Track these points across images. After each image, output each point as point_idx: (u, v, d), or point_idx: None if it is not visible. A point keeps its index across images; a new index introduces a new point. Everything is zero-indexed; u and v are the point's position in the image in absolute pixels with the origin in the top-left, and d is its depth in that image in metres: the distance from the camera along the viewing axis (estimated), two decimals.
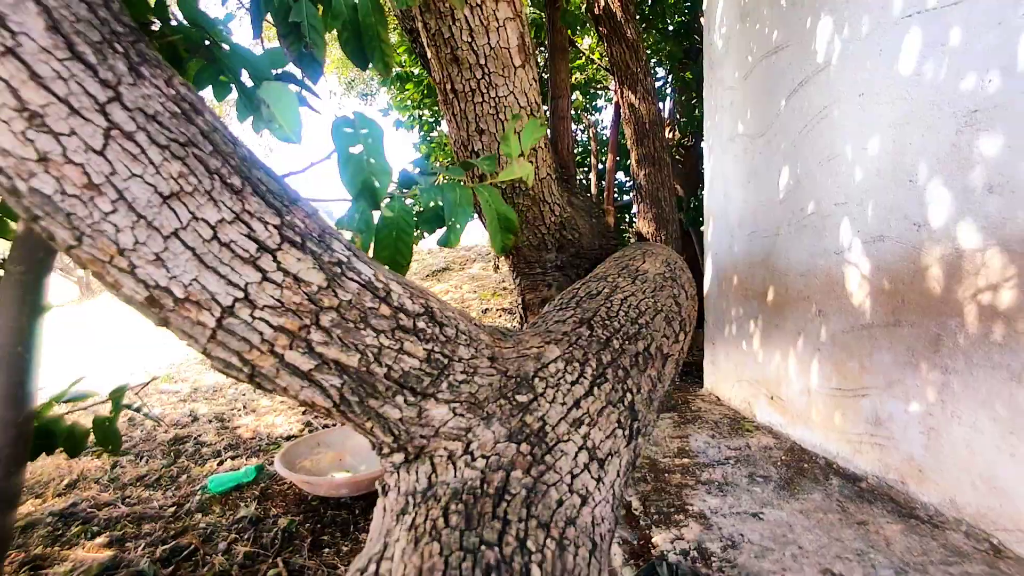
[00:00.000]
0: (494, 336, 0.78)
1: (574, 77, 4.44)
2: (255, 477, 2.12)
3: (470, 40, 1.37)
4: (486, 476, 0.63)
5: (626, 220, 4.58)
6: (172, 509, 1.90)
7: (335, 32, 1.02)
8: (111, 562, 1.56)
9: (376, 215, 0.84)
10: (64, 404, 1.17)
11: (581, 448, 0.72)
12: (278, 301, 0.58)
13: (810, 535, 1.44)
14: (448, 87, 1.47)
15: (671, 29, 4.21)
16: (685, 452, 2.10)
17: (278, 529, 1.75)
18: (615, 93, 3.55)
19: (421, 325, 0.67)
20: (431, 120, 4.66)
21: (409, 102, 4.48)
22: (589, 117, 4.68)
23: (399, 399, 0.64)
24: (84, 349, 5.33)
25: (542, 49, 4.04)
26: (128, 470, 2.23)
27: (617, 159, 4.20)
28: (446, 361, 0.68)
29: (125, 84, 0.54)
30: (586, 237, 2.13)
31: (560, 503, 0.63)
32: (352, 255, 0.65)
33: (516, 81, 1.46)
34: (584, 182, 4.81)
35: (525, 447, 0.67)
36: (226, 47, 0.95)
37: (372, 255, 0.83)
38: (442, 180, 0.93)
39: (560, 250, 1.99)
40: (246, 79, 0.97)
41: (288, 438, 2.56)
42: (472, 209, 0.91)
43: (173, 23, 0.92)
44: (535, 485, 0.64)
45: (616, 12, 3.16)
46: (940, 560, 1.31)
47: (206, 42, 0.96)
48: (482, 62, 1.40)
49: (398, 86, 4.52)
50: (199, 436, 2.59)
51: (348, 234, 0.80)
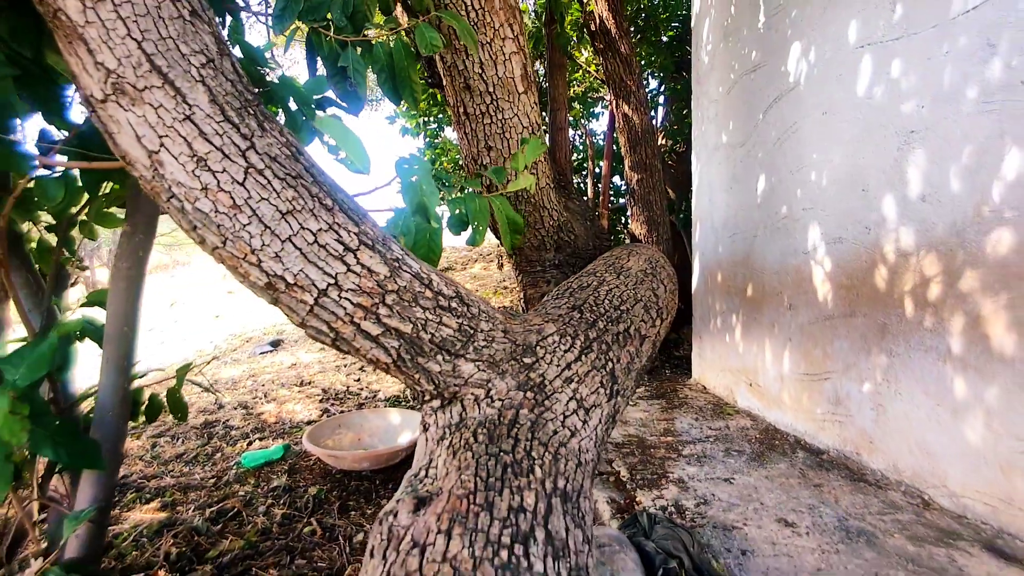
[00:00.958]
0: (506, 315, 1.04)
1: (573, 89, 4.70)
2: (283, 455, 2.37)
3: (480, 71, 1.62)
4: (502, 413, 0.88)
5: (621, 222, 4.83)
6: (212, 480, 2.15)
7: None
8: (168, 520, 1.81)
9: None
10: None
11: (571, 399, 0.97)
12: (357, 286, 0.83)
13: (771, 494, 1.70)
14: (461, 110, 1.72)
15: (664, 41, 4.46)
16: (670, 432, 2.35)
17: (309, 496, 2.00)
18: (610, 104, 3.81)
19: (454, 305, 0.92)
20: (435, 127, 4.91)
21: (415, 111, 4.72)
22: (586, 125, 4.93)
23: (439, 358, 0.89)
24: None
25: (542, 62, 4.28)
26: (167, 449, 2.48)
27: (612, 165, 4.45)
28: (472, 331, 0.93)
29: (256, 136, 0.79)
30: (581, 239, 2.38)
31: (555, 432, 0.88)
32: (404, 254, 0.90)
33: (520, 105, 1.71)
34: (581, 186, 5.07)
35: (530, 394, 0.92)
36: (275, 78, 1.20)
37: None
38: (450, 189, 1.18)
39: (558, 250, 2.24)
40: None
41: (308, 423, 2.80)
42: (488, 214, 1.16)
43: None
44: (537, 419, 0.89)
45: (611, 29, 3.42)
46: (877, 512, 1.56)
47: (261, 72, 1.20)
48: (490, 90, 1.65)
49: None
50: (227, 421, 2.84)
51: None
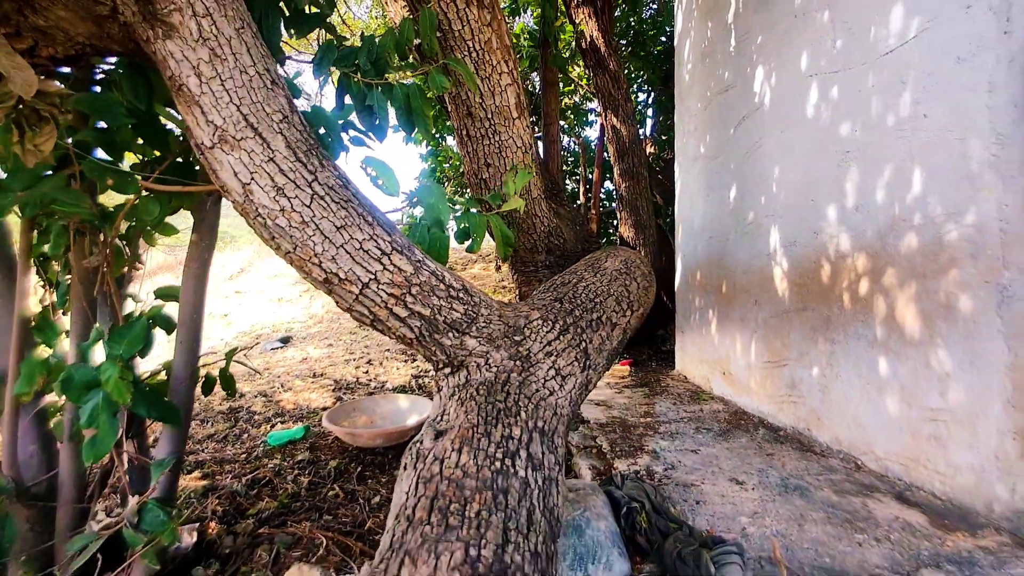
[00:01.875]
0: (501, 304, 1.34)
1: (566, 101, 5.01)
2: (304, 434, 2.67)
3: (481, 101, 1.93)
4: (497, 376, 1.18)
5: (612, 225, 5.14)
6: (244, 456, 2.45)
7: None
8: (210, 486, 2.11)
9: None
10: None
11: (550, 368, 1.28)
12: (390, 280, 1.13)
13: (729, 461, 2.00)
14: (464, 133, 2.03)
15: (653, 53, 4.77)
16: (650, 414, 2.66)
17: (330, 467, 2.30)
18: (600, 115, 4.12)
19: (461, 295, 1.22)
20: (437, 136, 5.22)
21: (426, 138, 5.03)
22: (580, 134, 5.25)
23: (450, 335, 1.20)
24: None
25: (539, 74, 4.59)
26: (199, 431, 2.77)
27: (603, 172, 4.76)
28: (475, 315, 1.23)
29: (318, 171, 1.09)
30: (570, 242, 2.69)
31: (537, 391, 1.19)
32: (424, 257, 1.20)
33: (514, 129, 2.01)
34: (575, 190, 5.37)
35: (518, 363, 1.23)
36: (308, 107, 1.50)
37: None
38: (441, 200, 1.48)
39: (549, 252, 2.55)
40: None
41: (323, 409, 3.10)
42: (485, 229, 1.46)
43: None
44: (524, 381, 1.19)
45: (600, 47, 3.73)
46: (815, 473, 1.86)
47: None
48: (489, 116, 1.96)
49: None
50: (249, 407, 3.14)
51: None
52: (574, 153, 5.39)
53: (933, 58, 1.62)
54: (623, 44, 4.76)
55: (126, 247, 1.61)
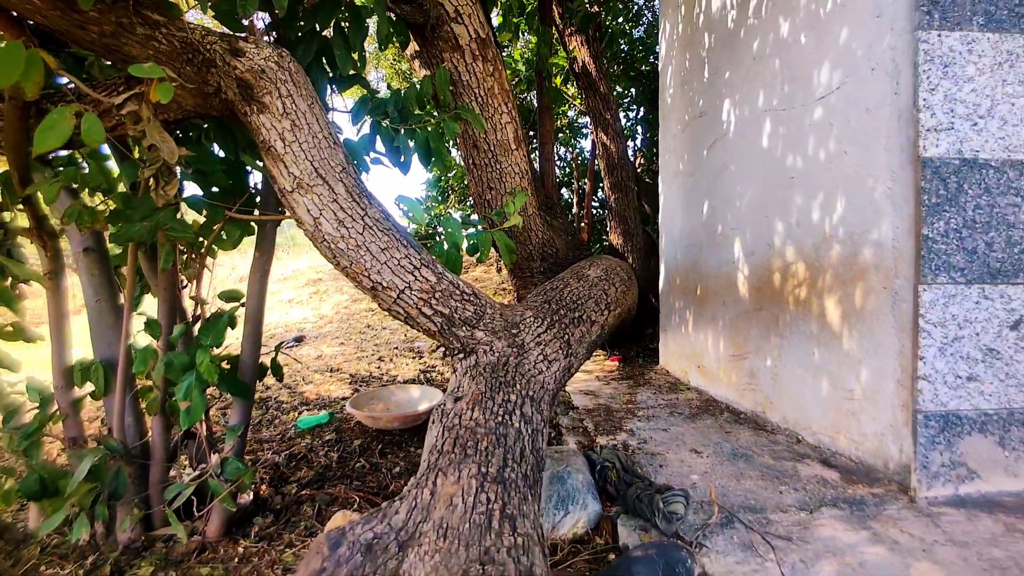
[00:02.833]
0: (502, 305, 1.75)
1: (561, 120, 5.43)
2: (329, 420, 3.07)
3: (484, 136, 2.33)
4: (499, 359, 1.59)
5: (605, 232, 5.55)
6: (278, 437, 2.85)
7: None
8: (254, 459, 2.51)
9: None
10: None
11: (540, 354, 1.68)
12: (420, 288, 1.54)
13: (692, 436, 2.40)
14: (471, 161, 2.44)
15: (643, 71, 5.18)
16: (631, 402, 3.06)
17: (355, 445, 2.70)
18: (592, 133, 4.52)
19: (472, 299, 1.63)
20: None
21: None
22: (573, 150, 5.66)
23: (464, 328, 1.60)
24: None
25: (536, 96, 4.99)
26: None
27: (594, 184, 5.17)
28: (482, 314, 1.64)
29: (368, 208, 1.50)
30: (562, 251, 3.10)
31: (529, 370, 1.60)
32: (443, 269, 1.61)
33: (512, 158, 2.42)
34: (569, 200, 5.78)
35: (515, 350, 1.63)
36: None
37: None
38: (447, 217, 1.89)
39: (543, 260, 2.96)
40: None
41: (343, 398, 3.50)
42: (491, 243, 1.87)
43: None
44: (519, 363, 1.60)
45: (592, 71, 4.14)
46: (762, 445, 2.27)
47: None
48: (491, 148, 2.37)
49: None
50: (276, 397, 3.54)
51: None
52: (569, 164, 5.80)
53: (850, 107, 2.02)
54: (615, 64, 5.16)
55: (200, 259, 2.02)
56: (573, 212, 5.22)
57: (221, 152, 1.72)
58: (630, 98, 5.10)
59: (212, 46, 1.42)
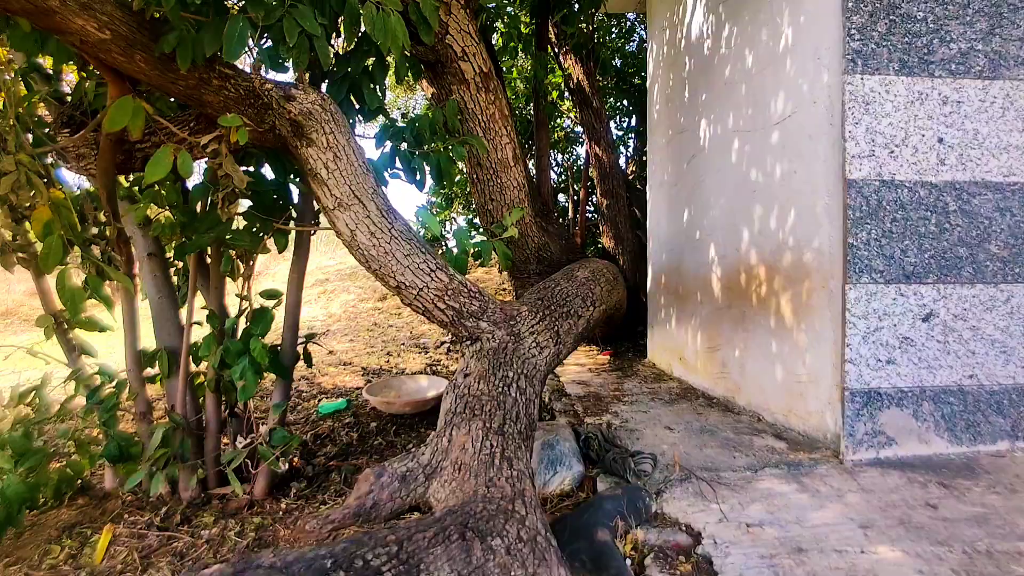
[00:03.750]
0: (502, 302, 2.12)
1: (558, 133, 5.81)
2: (347, 406, 3.45)
3: (487, 155, 2.71)
4: (500, 345, 1.97)
5: (598, 236, 5.93)
6: (302, 420, 3.22)
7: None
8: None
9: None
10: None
11: (533, 342, 2.06)
12: (435, 287, 1.91)
13: (668, 417, 2.78)
14: (475, 176, 2.81)
15: (634, 85, 5.56)
16: (618, 390, 3.43)
17: (372, 427, 3.07)
18: (585, 143, 4.89)
19: (477, 296, 2.00)
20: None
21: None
22: (569, 157, 6.04)
23: (471, 319, 1.98)
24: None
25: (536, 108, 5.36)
26: (259, 404, 3.55)
27: (588, 191, 5.55)
28: (486, 308, 2.01)
29: (394, 221, 1.87)
30: (556, 254, 3.47)
31: (524, 354, 1.97)
32: (454, 272, 1.98)
33: (512, 174, 2.79)
34: (565, 204, 6.16)
35: (512, 338, 2.01)
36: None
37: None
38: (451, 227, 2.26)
39: (539, 263, 3.33)
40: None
41: (356, 389, 3.88)
42: (491, 250, 2.24)
43: None
44: (516, 349, 1.97)
45: (585, 88, 4.51)
46: (727, 423, 2.64)
47: None
48: (493, 165, 2.74)
49: None
50: (296, 387, 3.91)
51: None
52: (566, 171, 6.18)
53: (798, 133, 2.40)
54: (609, 75, 5.53)
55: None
56: (569, 216, 5.59)
57: (270, 174, 2.10)
58: (622, 110, 5.47)
59: (269, 92, 1.80)
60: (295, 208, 2.22)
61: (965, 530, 1.55)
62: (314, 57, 1.73)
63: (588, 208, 5.61)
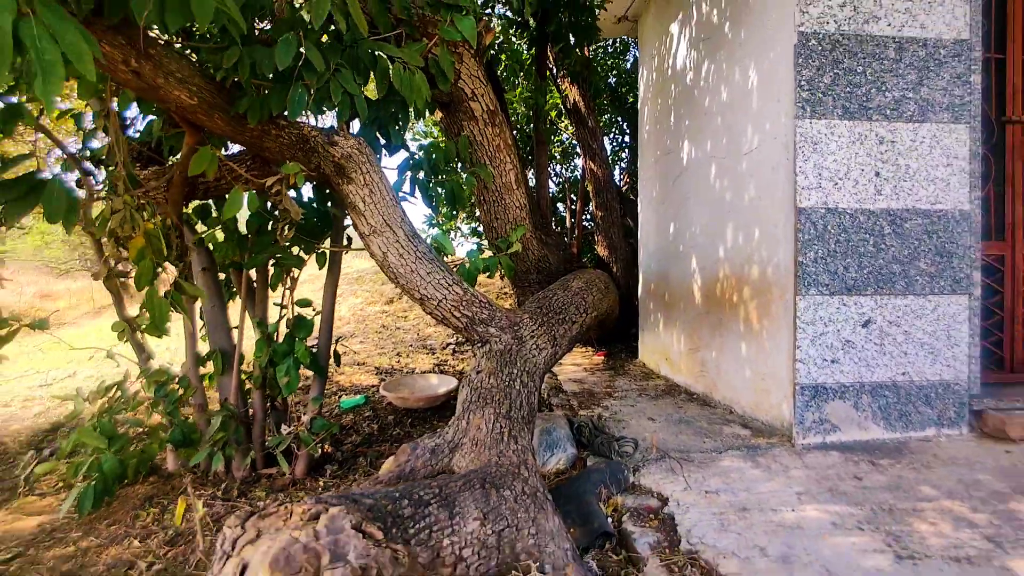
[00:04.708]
0: (506, 309, 2.53)
1: (556, 148, 6.23)
2: (365, 402, 3.85)
3: (492, 180, 3.11)
4: (505, 347, 2.37)
5: (595, 244, 6.33)
6: (326, 414, 3.62)
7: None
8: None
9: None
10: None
11: (533, 344, 2.46)
12: (452, 298, 2.31)
13: (652, 410, 3.18)
14: (481, 198, 3.21)
15: (628, 102, 5.97)
16: (610, 387, 3.84)
17: (389, 420, 3.48)
18: (582, 159, 5.29)
19: (487, 306, 2.41)
20: None
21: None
22: (567, 169, 6.45)
23: (481, 325, 2.38)
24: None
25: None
26: (291, 399, 3.94)
27: (584, 203, 5.96)
28: (493, 316, 2.42)
29: (418, 245, 2.28)
30: (555, 265, 3.87)
31: (526, 355, 2.38)
32: (467, 286, 2.39)
33: (515, 196, 3.20)
34: (563, 214, 6.57)
35: (516, 341, 2.41)
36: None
37: None
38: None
39: (539, 273, 3.73)
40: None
41: (371, 386, 4.27)
42: (497, 264, 2.65)
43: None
44: (519, 350, 2.38)
45: (581, 108, 4.92)
46: (703, 415, 3.04)
47: None
48: (498, 188, 3.14)
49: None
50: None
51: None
52: (563, 183, 6.59)
53: (763, 164, 2.80)
54: (605, 92, 5.94)
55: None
56: (567, 225, 6.00)
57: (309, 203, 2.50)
58: (617, 125, 5.87)
59: (316, 138, 2.20)
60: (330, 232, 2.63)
61: (878, 495, 1.96)
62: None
63: (585, 217, 6.01)
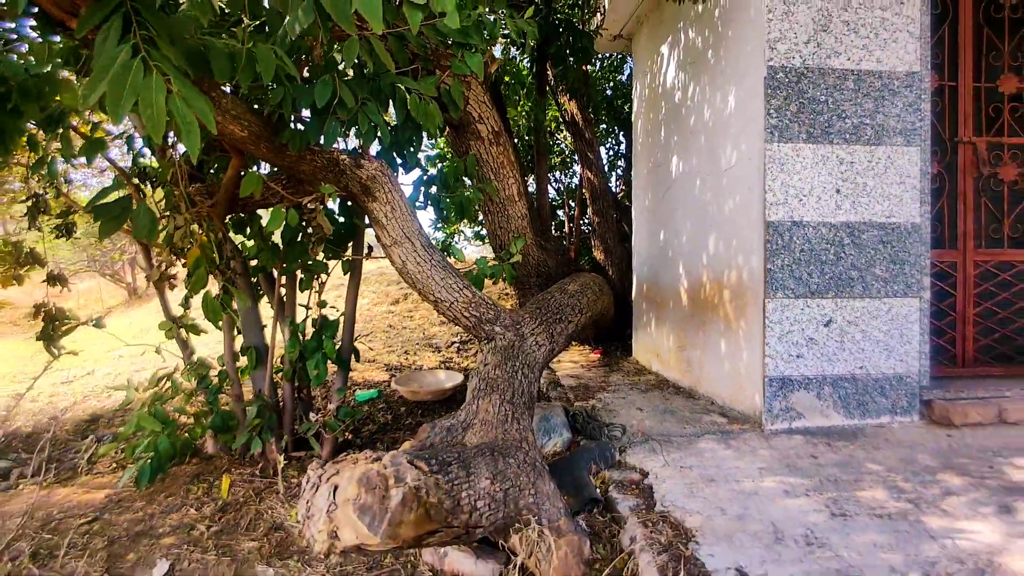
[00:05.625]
0: (509, 310, 2.87)
1: (555, 159, 6.58)
2: (379, 395, 4.20)
3: (497, 193, 3.46)
4: (508, 343, 2.72)
5: (592, 248, 6.69)
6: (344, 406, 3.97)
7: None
8: None
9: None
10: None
11: (533, 341, 2.81)
12: (463, 301, 2.66)
13: (641, 401, 3.53)
14: (487, 209, 3.56)
15: (624, 112, 6.32)
16: (604, 382, 4.19)
17: (402, 411, 3.82)
18: (580, 167, 5.64)
19: (493, 307, 2.76)
20: None
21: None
22: (567, 175, 6.81)
23: (488, 324, 2.73)
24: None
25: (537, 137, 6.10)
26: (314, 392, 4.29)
27: (582, 209, 6.31)
28: (498, 316, 2.77)
29: (433, 255, 2.63)
30: (553, 269, 4.22)
31: (526, 350, 2.73)
32: (475, 290, 2.74)
33: (516, 207, 3.54)
34: (563, 219, 6.92)
35: (518, 338, 2.76)
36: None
37: None
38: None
39: (538, 277, 4.08)
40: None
41: (383, 381, 4.62)
42: (501, 272, 3.00)
43: None
44: (520, 346, 2.73)
45: (579, 121, 5.26)
46: (687, 407, 3.39)
47: None
48: (502, 201, 3.49)
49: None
50: (331, 381, 4.65)
51: None
52: (564, 189, 6.95)
53: (740, 181, 3.14)
54: (602, 103, 6.28)
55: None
56: (566, 230, 6.35)
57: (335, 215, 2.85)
58: (614, 134, 6.21)
59: (344, 161, 2.55)
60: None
61: (828, 470, 2.30)
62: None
63: (583, 222, 6.36)
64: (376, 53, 2.08)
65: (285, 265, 2.71)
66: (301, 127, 2.36)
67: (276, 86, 2.22)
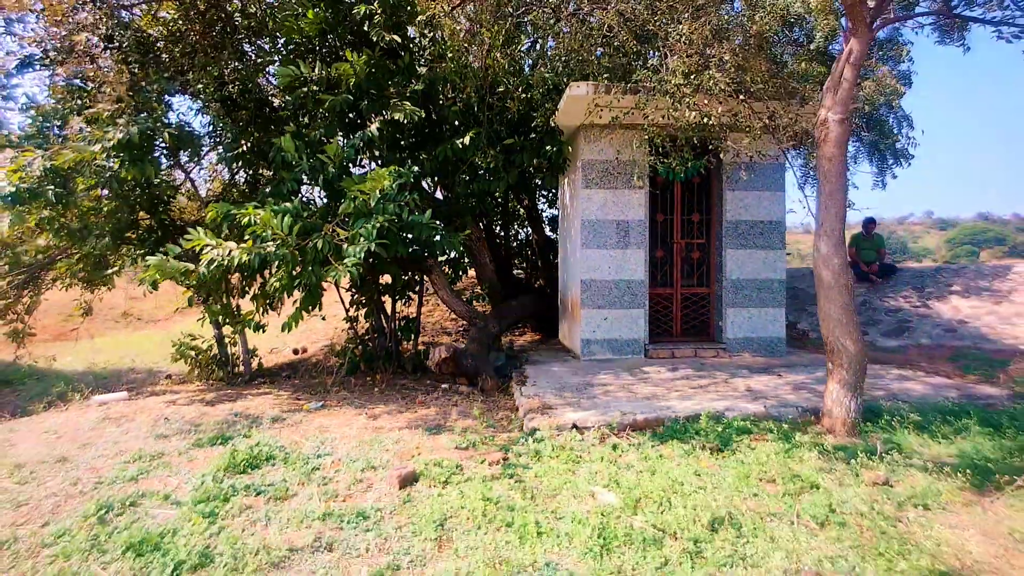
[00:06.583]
0: (484, 313, 7.43)
1: (518, 224, 11.14)
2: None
3: (476, 262, 8.00)
4: (482, 326, 7.31)
5: (538, 276, 11.20)
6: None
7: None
8: None
9: None
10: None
11: (495, 325, 7.40)
12: (466, 311, 7.21)
13: (545, 354, 8.09)
14: (474, 264, 8.11)
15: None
16: (534, 348, 8.75)
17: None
18: (532, 230, 10.15)
19: (477, 312, 7.32)
20: None
21: None
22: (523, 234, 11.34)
23: (474, 319, 7.30)
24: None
25: None
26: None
27: (533, 252, 10.83)
28: (477, 316, 7.33)
29: (452, 292, 7.18)
30: (511, 290, 8.83)
31: (488, 330, 7.32)
32: (470, 305, 7.29)
33: (487, 269, 8.09)
34: (523, 258, 11.44)
35: (487, 324, 7.35)
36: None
37: None
38: None
39: (503, 296, 8.66)
40: None
41: (427, 343, 9.18)
42: (480, 295, 7.55)
43: None
44: (486, 327, 7.33)
45: (528, 210, 9.77)
46: (560, 354, 7.94)
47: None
48: (480, 265, 8.02)
49: None
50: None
51: None
52: (522, 241, 11.47)
53: (579, 263, 7.65)
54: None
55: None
56: (524, 264, 10.88)
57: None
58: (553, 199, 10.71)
59: (430, 263, 7.10)
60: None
61: (594, 372, 6.83)
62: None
63: (533, 258, 10.94)
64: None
65: (397, 292, 7.25)
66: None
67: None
